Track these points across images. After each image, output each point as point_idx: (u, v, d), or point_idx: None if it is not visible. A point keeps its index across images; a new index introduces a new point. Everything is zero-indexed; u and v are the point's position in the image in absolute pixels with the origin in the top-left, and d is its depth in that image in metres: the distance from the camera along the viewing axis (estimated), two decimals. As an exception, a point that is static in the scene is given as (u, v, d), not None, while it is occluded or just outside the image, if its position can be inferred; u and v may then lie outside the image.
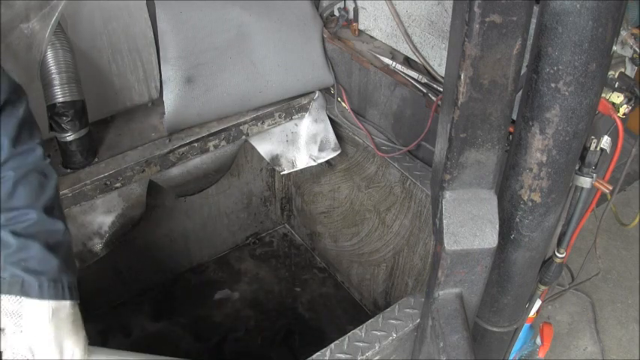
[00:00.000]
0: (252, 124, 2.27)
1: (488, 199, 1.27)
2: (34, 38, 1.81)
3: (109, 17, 1.97)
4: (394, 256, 2.40)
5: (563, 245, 1.61)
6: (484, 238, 1.27)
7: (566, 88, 1.13)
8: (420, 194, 2.07)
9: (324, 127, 2.38)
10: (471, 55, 1.05)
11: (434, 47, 1.97)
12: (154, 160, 2.07)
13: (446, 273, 1.34)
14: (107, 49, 2.03)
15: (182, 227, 2.73)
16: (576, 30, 1.06)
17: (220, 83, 2.10)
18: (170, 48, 2.00)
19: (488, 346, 1.79)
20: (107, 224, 2.08)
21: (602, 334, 2.96)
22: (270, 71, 2.19)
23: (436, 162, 1.36)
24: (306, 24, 2.25)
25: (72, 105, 1.84)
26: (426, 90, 1.96)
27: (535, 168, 1.27)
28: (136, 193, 2.12)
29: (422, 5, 1.92)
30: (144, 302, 2.76)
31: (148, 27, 2.07)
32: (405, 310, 1.66)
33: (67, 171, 1.97)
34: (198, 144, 2.15)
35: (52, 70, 1.80)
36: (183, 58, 2.02)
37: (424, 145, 2.06)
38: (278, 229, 3.20)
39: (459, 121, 1.15)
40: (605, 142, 1.36)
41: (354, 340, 1.57)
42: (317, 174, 2.69)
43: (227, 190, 2.79)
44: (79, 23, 1.91)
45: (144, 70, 2.16)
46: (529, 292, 1.68)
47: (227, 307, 2.78)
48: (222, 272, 2.94)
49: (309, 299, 2.83)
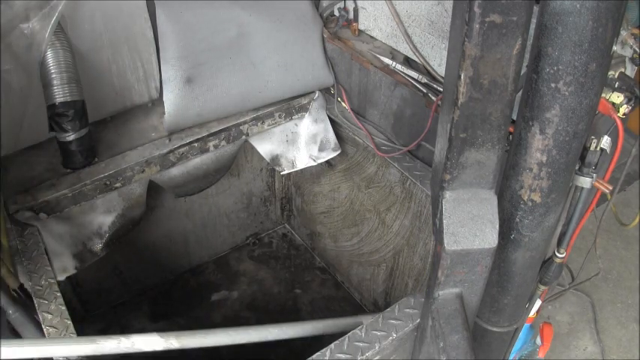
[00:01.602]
0: (252, 124, 2.27)
1: (488, 199, 1.27)
2: (34, 38, 1.81)
3: (109, 17, 1.97)
4: (394, 256, 2.40)
5: (563, 245, 1.61)
6: (484, 238, 1.27)
7: (566, 88, 1.13)
8: (420, 194, 2.07)
9: (324, 127, 2.38)
10: (471, 55, 1.05)
11: (434, 47, 1.97)
12: (154, 160, 2.07)
13: (446, 273, 1.34)
14: (107, 49, 2.03)
15: (182, 227, 2.73)
16: (576, 30, 1.06)
17: (220, 83, 2.10)
18: (170, 48, 2.00)
19: (488, 346, 1.79)
20: (107, 224, 2.08)
21: (602, 334, 2.96)
22: (270, 71, 2.19)
23: (436, 162, 1.36)
24: (306, 24, 2.25)
25: (72, 105, 1.84)
26: (426, 90, 1.96)
27: (535, 168, 1.27)
28: (136, 193, 2.12)
29: (422, 5, 1.92)
30: (143, 302, 2.76)
31: (148, 27, 2.07)
32: (405, 310, 1.66)
33: (67, 171, 1.97)
34: (198, 144, 2.15)
35: (52, 70, 1.80)
36: (183, 58, 2.02)
37: (424, 145, 2.06)
38: (278, 230, 3.20)
39: (459, 121, 1.15)
40: (605, 142, 1.36)
41: (354, 340, 1.57)
42: (317, 174, 2.69)
43: (227, 190, 2.79)
44: (79, 23, 1.91)
45: (144, 70, 2.16)
46: (529, 292, 1.68)
47: (227, 307, 2.77)
48: (222, 273, 2.94)
49: (309, 299, 2.83)
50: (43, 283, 1.63)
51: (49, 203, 1.89)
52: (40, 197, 1.88)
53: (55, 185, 1.92)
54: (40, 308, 1.57)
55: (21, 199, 1.87)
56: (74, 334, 1.50)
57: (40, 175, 1.96)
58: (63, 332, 1.51)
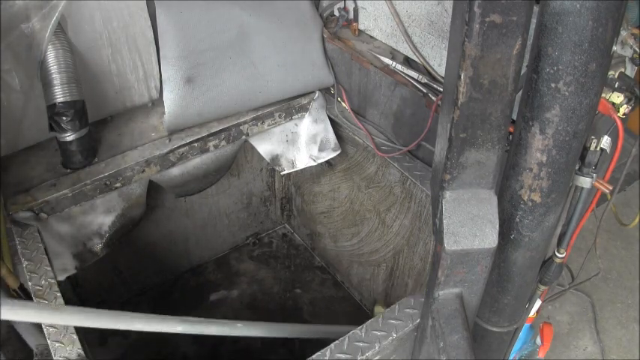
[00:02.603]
0: (252, 124, 2.27)
1: (488, 199, 1.27)
2: (34, 38, 1.81)
3: (109, 17, 1.97)
4: (394, 256, 2.40)
5: (563, 245, 1.61)
6: (484, 238, 1.27)
7: (566, 88, 1.13)
8: (420, 194, 2.07)
9: (324, 127, 2.38)
10: (471, 55, 1.05)
11: (434, 47, 1.96)
12: (153, 160, 2.07)
13: (446, 273, 1.34)
14: (107, 49, 2.03)
15: (182, 227, 2.73)
16: (576, 30, 1.06)
17: (220, 83, 2.10)
18: (170, 48, 2.00)
19: (488, 346, 1.79)
20: (107, 224, 2.08)
21: (602, 334, 2.96)
22: (270, 71, 2.19)
23: (436, 162, 1.36)
24: (306, 24, 2.25)
25: (72, 105, 1.84)
26: (426, 90, 1.96)
27: (535, 168, 1.27)
28: (136, 193, 2.12)
29: (422, 5, 1.92)
30: (143, 302, 2.76)
31: (148, 27, 2.07)
32: (405, 310, 1.66)
33: (67, 171, 1.97)
34: (198, 144, 2.15)
35: (52, 70, 1.80)
36: (183, 58, 2.02)
37: (424, 145, 2.06)
38: (278, 230, 3.20)
39: (459, 121, 1.15)
40: (605, 142, 1.35)
41: (354, 340, 1.57)
42: (317, 174, 2.69)
43: (227, 190, 2.79)
44: (79, 23, 1.91)
45: (144, 70, 2.16)
46: (529, 292, 1.68)
47: (226, 307, 2.78)
48: (222, 272, 2.94)
49: (309, 299, 2.83)
50: (43, 283, 1.63)
51: (49, 203, 1.89)
52: (40, 197, 1.88)
53: (55, 185, 1.92)
54: (40, 308, 1.57)
55: (21, 199, 1.87)
56: (74, 334, 1.50)
57: (40, 175, 1.96)
58: (63, 332, 1.51)
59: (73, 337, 1.50)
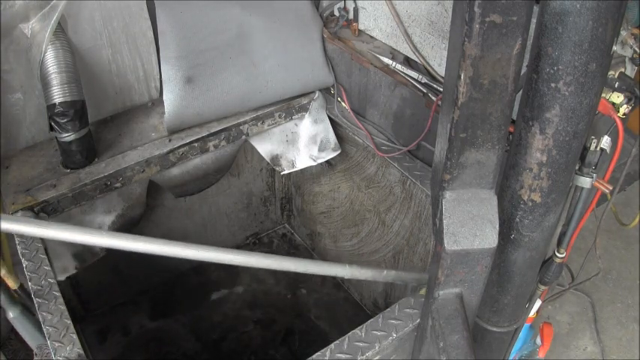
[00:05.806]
0: (252, 124, 2.27)
1: (488, 199, 1.27)
2: (34, 38, 1.81)
3: (109, 17, 1.97)
4: (394, 256, 2.40)
5: (563, 245, 1.61)
6: (484, 238, 1.27)
7: (566, 88, 1.13)
8: (420, 194, 2.07)
9: (324, 127, 2.38)
10: (471, 55, 1.05)
11: (434, 47, 1.96)
12: (153, 160, 2.07)
13: (446, 273, 1.34)
14: (107, 49, 2.03)
15: (182, 227, 2.73)
16: (576, 30, 1.06)
17: (220, 83, 2.10)
18: (170, 48, 2.00)
19: (488, 346, 1.79)
20: (107, 224, 2.08)
21: (602, 334, 2.96)
22: (270, 71, 2.19)
23: (436, 162, 1.36)
24: (306, 24, 2.25)
25: (72, 105, 1.84)
26: (426, 90, 1.96)
27: (535, 168, 1.27)
28: (136, 193, 2.12)
29: (422, 5, 1.92)
30: (143, 302, 2.76)
31: (148, 27, 2.07)
32: (405, 310, 1.66)
33: (67, 171, 1.97)
34: (198, 144, 2.15)
35: (52, 70, 1.80)
36: (183, 58, 2.02)
37: (424, 145, 2.06)
38: (278, 229, 3.20)
39: (459, 121, 1.15)
40: (605, 142, 1.36)
41: (354, 340, 1.57)
42: (317, 174, 2.69)
43: (227, 190, 2.79)
44: (79, 23, 1.91)
45: (144, 70, 2.16)
46: (529, 292, 1.68)
47: (227, 307, 2.78)
48: (222, 272, 2.94)
49: (309, 299, 2.83)
50: (43, 283, 1.63)
51: (49, 203, 1.89)
52: (40, 197, 1.88)
53: (55, 185, 1.92)
54: (40, 308, 1.57)
55: (21, 199, 1.87)
56: (74, 334, 1.50)
57: (40, 175, 1.96)
58: (63, 332, 1.51)
59: (73, 337, 1.50)
